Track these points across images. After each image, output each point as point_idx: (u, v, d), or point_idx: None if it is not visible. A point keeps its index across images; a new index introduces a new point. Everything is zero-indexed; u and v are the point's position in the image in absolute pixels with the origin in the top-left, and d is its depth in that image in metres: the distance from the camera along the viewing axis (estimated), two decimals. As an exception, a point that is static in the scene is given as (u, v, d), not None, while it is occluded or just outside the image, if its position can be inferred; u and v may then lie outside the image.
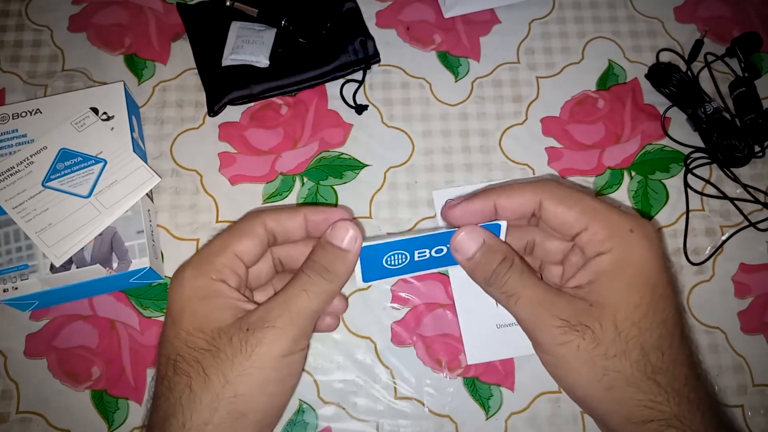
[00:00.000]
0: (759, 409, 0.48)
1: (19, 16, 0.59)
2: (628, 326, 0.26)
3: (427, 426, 0.47)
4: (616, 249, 0.27)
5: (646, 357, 0.26)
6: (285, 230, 0.32)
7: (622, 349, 0.26)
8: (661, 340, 0.26)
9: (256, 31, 0.56)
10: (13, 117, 0.50)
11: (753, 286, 0.52)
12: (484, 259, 0.29)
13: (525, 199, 0.29)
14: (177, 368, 0.28)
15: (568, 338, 0.27)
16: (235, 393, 0.27)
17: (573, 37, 0.60)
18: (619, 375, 0.26)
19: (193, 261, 0.31)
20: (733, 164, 0.54)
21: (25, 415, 0.47)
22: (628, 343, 0.26)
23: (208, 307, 0.29)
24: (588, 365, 0.26)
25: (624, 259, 0.27)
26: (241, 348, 0.27)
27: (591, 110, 0.57)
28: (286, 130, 0.55)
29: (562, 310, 0.27)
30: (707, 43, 0.58)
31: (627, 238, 0.27)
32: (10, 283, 0.46)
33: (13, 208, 0.47)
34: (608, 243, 0.27)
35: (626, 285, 0.27)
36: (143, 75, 0.57)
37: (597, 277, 0.27)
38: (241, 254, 0.30)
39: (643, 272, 0.27)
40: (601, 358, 0.26)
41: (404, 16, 0.60)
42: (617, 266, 0.27)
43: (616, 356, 0.26)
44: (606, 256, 0.27)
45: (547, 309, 0.27)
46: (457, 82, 0.58)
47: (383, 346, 0.49)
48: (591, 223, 0.28)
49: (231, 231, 0.31)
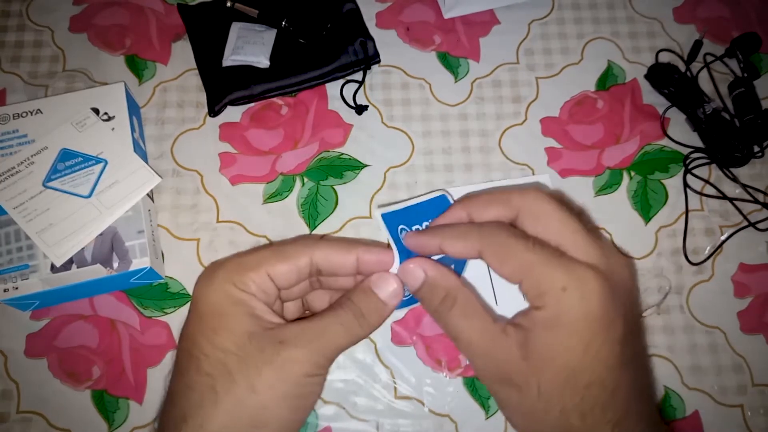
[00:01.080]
0: (759, 408, 0.48)
1: (20, 16, 0.59)
2: (551, 388, 0.27)
3: (426, 425, 0.47)
4: (547, 307, 0.27)
5: (566, 418, 0.26)
6: (332, 266, 0.31)
7: (543, 408, 0.27)
8: (583, 402, 0.26)
9: (257, 32, 0.56)
10: (14, 117, 0.50)
11: (752, 286, 0.52)
12: (427, 295, 0.30)
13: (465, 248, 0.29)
14: (200, 367, 0.28)
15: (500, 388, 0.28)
16: (260, 403, 0.27)
17: (572, 37, 0.60)
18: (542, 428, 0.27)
19: (227, 266, 0.30)
20: (732, 164, 0.54)
21: (25, 414, 0.47)
22: (548, 404, 0.27)
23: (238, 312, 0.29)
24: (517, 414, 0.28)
25: (555, 318, 0.27)
26: (272, 359, 0.27)
27: (590, 110, 0.57)
28: (286, 131, 0.55)
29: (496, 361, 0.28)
30: (706, 43, 0.58)
31: (558, 297, 0.26)
32: (11, 283, 0.46)
33: (14, 208, 0.47)
34: (539, 300, 0.27)
35: (555, 345, 0.27)
36: (144, 75, 0.57)
37: (532, 329, 0.27)
38: (274, 276, 0.30)
39: (574, 334, 0.26)
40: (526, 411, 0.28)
41: (404, 17, 0.60)
42: (548, 325, 0.27)
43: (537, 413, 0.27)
44: (539, 312, 0.27)
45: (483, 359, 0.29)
46: (456, 82, 0.58)
47: (383, 346, 0.49)
48: (524, 279, 0.28)
49: (273, 250, 0.31)
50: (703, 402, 0.48)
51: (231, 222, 0.53)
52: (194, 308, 0.30)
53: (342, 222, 0.53)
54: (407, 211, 0.32)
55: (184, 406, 0.27)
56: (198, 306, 0.30)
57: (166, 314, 0.50)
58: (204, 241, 0.52)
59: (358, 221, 0.53)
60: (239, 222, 0.53)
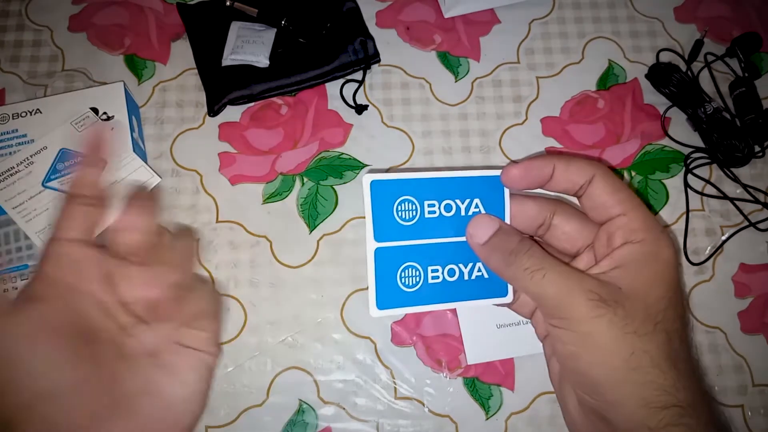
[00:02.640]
0: (759, 409, 0.48)
1: (19, 16, 0.59)
2: (656, 311, 0.27)
3: (427, 426, 0.47)
4: (647, 241, 0.28)
5: (671, 342, 0.27)
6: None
7: (651, 330, 0.26)
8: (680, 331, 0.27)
9: (256, 31, 0.56)
10: (13, 117, 0.50)
11: (753, 286, 0.52)
12: (501, 240, 0.29)
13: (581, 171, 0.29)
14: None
15: (600, 312, 0.26)
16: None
17: (573, 37, 0.60)
18: (645, 355, 0.26)
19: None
20: (733, 164, 0.54)
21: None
22: (656, 326, 0.27)
23: None
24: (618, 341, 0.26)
25: (654, 252, 0.28)
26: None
27: (591, 110, 0.57)
28: (286, 130, 0.55)
29: (593, 285, 0.27)
30: (707, 43, 0.58)
31: (659, 235, 0.28)
32: (11, 283, 0.46)
33: (13, 208, 0.47)
34: (641, 234, 0.28)
35: (654, 276, 0.28)
36: (143, 75, 0.57)
37: (624, 264, 0.28)
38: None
39: (668, 269, 0.28)
40: (631, 335, 0.26)
41: (404, 16, 0.60)
42: (647, 257, 0.28)
43: (645, 336, 0.26)
44: (637, 245, 0.28)
45: (578, 282, 0.27)
46: (457, 82, 0.58)
47: (383, 346, 0.49)
48: (630, 212, 0.29)
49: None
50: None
51: (230, 222, 0.53)
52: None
53: (342, 222, 0.53)
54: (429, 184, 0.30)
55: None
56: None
57: (166, 314, 0.50)
58: (203, 241, 0.52)
59: (359, 221, 0.53)
60: (239, 222, 0.52)
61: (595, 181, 0.29)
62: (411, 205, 0.30)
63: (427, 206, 0.30)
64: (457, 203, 0.30)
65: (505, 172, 0.30)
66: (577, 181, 0.30)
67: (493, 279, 0.31)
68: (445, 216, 0.30)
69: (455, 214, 0.30)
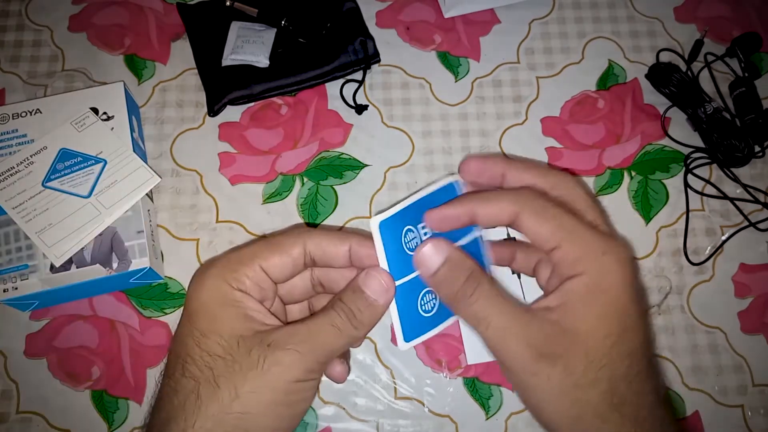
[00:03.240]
0: (759, 408, 0.48)
1: (19, 16, 0.59)
2: (599, 356, 0.26)
3: (427, 426, 0.47)
4: (587, 273, 0.26)
5: (614, 388, 0.26)
6: (325, 255, 0.30)
7: (592, 380, 0.26)
8: (628, 370, 0.26)
9: (256, 31, 0.56)
10: (13, 117, 0.50)
11: (753, 286, 0.52)
12: (447, 276, 0.28)
13: (501, 208, 0.28)
14: (186, 370, 0.27)
15: (540, 367, 0.26)
16: (243, 409, 0.26)
17: (573, 37, 0.60)
18: (587, 405, 0.26)
19: (218, 263, 0.30)
20: (733, 164, 0.54)
21: (25, 414, 0.47)
22: (598, 373, 0.26)
23: (227, 313, 0.28)
24: (558, 395, 0.26)
25: (596, 284, 0.26)
26: (258, 363, 0.26)
27: (591, 110, 0.57)
28: (286, 130, 0.55)
29: (534, 337, 0.26)
30: (707, 43, 0.58)
31: (600, 262, 0.26)
32: (10, 283, 0.46)
33: (13, 208, 0.47)
34: (580, 266, 0.26)
35: (597, 313, 0.26)
36: (143, 75, 0.57)
37: (568, 301, 0.27)
38: (268, 269, 0.29)
39: (614, 300, 0.26)
40: (571, 388, 0.26)
41: (404, 16, 0.60)
42: (589, 292, 0.26)
43: (585, 387, 0.26)
44: (577, 279, 0.26)
45: (518, 337, 0.26)
46: (457, 82, 0.58)
47: (383, 346, 0.49)
48: (563, 242, 0.27)
49: (266, 243, 0.30)
50: (703, 402, 0.48)
51: (230, 222, 0.53)
52: (185, 309, 0.29)
53: (342, 222, 0.53)
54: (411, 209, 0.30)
55: (168, 410, 0.27)
56: (189, 307, 0.29)
57: (166, 314, 0.50)
58: (203, 241, 0.52)
59: (358, 221, 0.53)
60: (239, 222, 0.52)
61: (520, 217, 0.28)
62: (412, 234, 0.30)
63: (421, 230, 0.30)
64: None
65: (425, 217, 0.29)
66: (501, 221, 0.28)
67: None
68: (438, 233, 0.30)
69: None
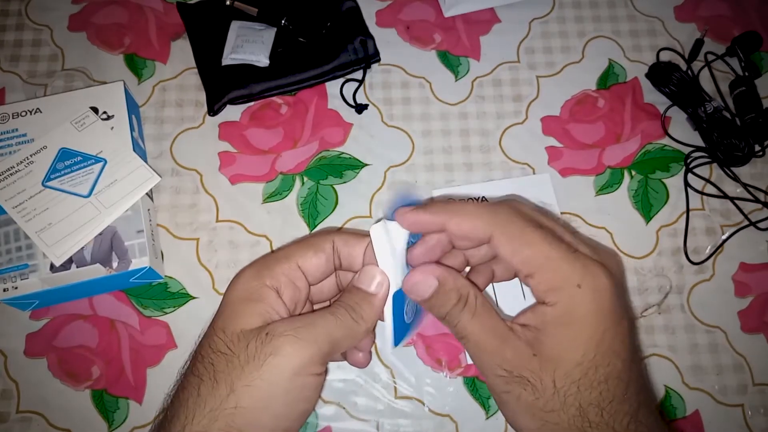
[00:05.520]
0: (759, 408, 0.48)
1: (19, 15, 0.59)
2: (568, 384, 0.26)
3: (427, 425, 0.47)
4: (560, 304, 0.26)
5: (584, 414, 0.26)
6: (350, 255, 0.31)
7: (560, 404, 0.26)
8: (600, 397, 0.26)
9: (256, 31, 0.56)
10: (13, 116, 0.50)
11: (753, 285, 0.52)
12: (439, 301, 0.29)
13: (475, 229, 0.28)
14: (194, 367, 0.28)
15: (510, 388, 0.27)
16: (236, 404, 0.26)
17: (573, 36, 0.60)
18: (556, 427, 0.26)
19: (256, 263, 0.30)
20: (733, 163, 0.54)
21: (25, 414, 0.47)
22: (566, 399, 0.26)
23: (244, 309, 0.28)
24: (527, 414, 0.27)
25: (568, 314, 0.26)
26: (255, 355, 0.26)
27: (591, 109, 0.57)
28: (286, 130, 0.55)
29: (506, 359, 0.27)
30: (707, 42, 0.58)
31: (572, 293, 0.26)
32: (10, 282, 0.46)
33: (13, 207, 0.47)
34: (552, 296, 0.26)
35: (569, 341, 0.26)
36: (143, 74, 0.57)
37: (542, 326, 0.27)
38: (304, 267, 0.30)
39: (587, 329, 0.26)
40: (539, 410, 0.26)
41: (404, 16, 0.60)
42: (560, 321, 0.26)
43: (553, 411, 0.26)
44: (550, 308, 0.26)
45: (492, 357, 0.27)
46: (457, 81, 0.58)
47: (383, 346, 0.49)
48: (537, 272, 0.27)
49: (299, 243, 0.31)
50: (703, 401, 0.48)
51: (230, 221, 0.53)
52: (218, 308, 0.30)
53: (342, 221, 0.53)
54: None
55: (175, 406, 0.27)
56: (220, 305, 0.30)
57: (166, 314, 0.50)
58: (203, 241, 0.52)
59: (358, 221, 0.53)
60: (239, 221, 0.52)
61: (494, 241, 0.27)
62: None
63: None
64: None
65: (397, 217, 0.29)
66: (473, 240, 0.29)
67: None
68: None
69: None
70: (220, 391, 0.26)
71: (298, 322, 0.28)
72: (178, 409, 0.27)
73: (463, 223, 0.28)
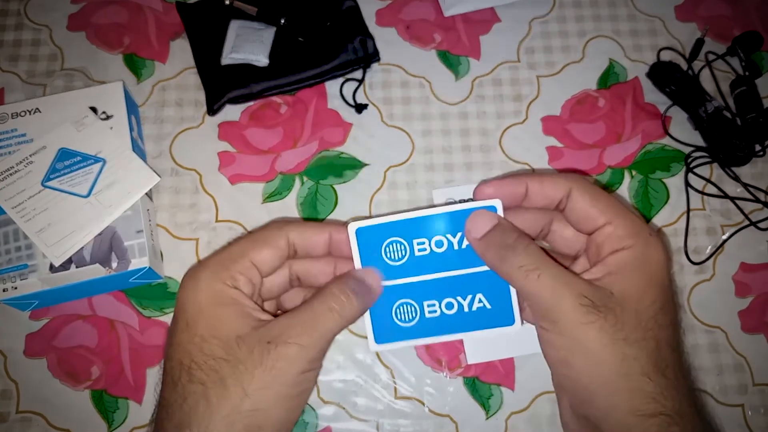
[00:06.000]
0: (759, 408, 0.48)
1: (18, 15, 0.59)
2: (646, 318, 0.27)
3: (427, 425, 0.47)
4: (636, 246, 0.28)
5: (660, 350, 0.26)
6: (307, 245, 0.31)
7: (641, 337, 0.26)
8: (671, 337, 0.27)
9: (256, 30, 0.56)
10: (12, 116, 0.50)
11: (753, 285, 0.51)
12: (499, 236, 0.29)
13: (556, 186, 0.29)
14: (192, 376, 0.27)
15: (591, 318, 0.26)
16: (253, 407, 0.27)
17: (573, 35, 0.59)
18: (636, 363, 0.26)
19: (210, 263, 0.30)
20: (733, 163, 0.54)
21: (25, 414, 0.47)
22: (646, 333, 0.26)
23: (226, 314, 0.28)
24: (608, 348, 0.26)
25: (644, 256, 0.28)
26: (262, 361, 0.27)
27: (591, 109, 0.57)
28: (285, 129, 0.55)
29: (586, 290, 0.27)
30: (708, 41, 0.58)
31: (648, 240, 0.28)
32: (10, 282, 0.46)
33: (13, 207, 0.47)
34: (629, 240, 0.28)
35: (644, 280, 0.27)
36: (142, 74, 0.57)
37: (616, 271, 0.28)
38: (258, 263, 0.30)
39: (659, 273, 0.28)
40: (621, 342, 0.26)
41: (404, 15, 0.60)
42: (637, 262, 0.28)
43: (634, 344, 0.26)
44: (627, 252, 0.28)
45: (571, 287, 0.27)
46: (457, 81, 0.57)
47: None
48: (615, 219, 0.28)
49: (252, 238, 0.31)
50: (703, 401, 0.48)
51: (230, 221, 0.52)
52: (181, 314, 0.29)
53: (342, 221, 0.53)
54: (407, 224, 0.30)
55: (180, 417, 0.27)
56: (186, 312, 0.29)
57: (165, 314, 0.50)
58: (203, 241, 0.52)
59: (358, 221, 0.53)
60: (238, 221, 0.52)
61: (573, 194, 0.29)
62: (399, 245, 0.31)
63: (417, 244, 0.31)
64: (448, 238, 0.31)
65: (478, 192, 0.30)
66: (554, 197, 0.30)
67: (497, 308, 0.31)
68: (436, 252, 0.31)
69: (448, 249, 0.31)
70: (231, 396, 0.27)
71: (298, 326, 0.28)
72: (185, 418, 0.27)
73: (545, 181, 0.30)
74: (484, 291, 0.31)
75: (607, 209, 0.29)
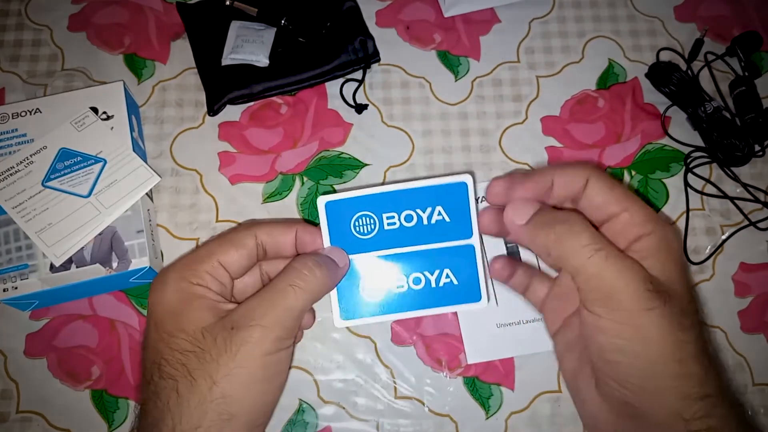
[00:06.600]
0: (759, 408, 0.48)
1: (19, 15, 0.59)
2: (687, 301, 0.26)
3: (427, 425, 0.47)
4: (656, 233, 0.27)
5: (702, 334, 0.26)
6: (276, 244, 0.32)
7: (690, 322, 0.26)
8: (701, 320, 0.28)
9: (256, 31, 0.56)
10: (12, 116, 0.50)
11: (753, 285, 0.52)
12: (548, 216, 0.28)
13: (576, 175, 0.29)
14: (162, 372, 0.28)
15: (655, 303, 0.25)
16: (222, 394, 0.27)
17: (573, 36, 0.60)
18: (689, 347, 0.26)
19: (176, 265, 0.30)
20: (733, 163, 0.54)
21: (25, 414, 0.47)
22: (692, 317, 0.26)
23: (192, 308, 0.29)
24: (668, 334, 0.25)
25: (666, 241, 0.27)
26: (226, 348, 0.27)
27: (591, 109, 0.57)
28: (285, 130, 0.55)
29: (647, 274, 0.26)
30: (707, 42, 0.58)
31: (665, 226, 0.28)
32: (10, 282, 0.46)
33: (13, 207, 0.47)
34: (649, 225, 0.27)
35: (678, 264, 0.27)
36: (143, 74, 0.57)
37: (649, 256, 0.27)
38: (226, 264, 0.30)
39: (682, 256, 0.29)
40: (677, 327, 0.25)
41: (404, 15, 0.60)
42: (663, 245, 0.27)
43: (688, 328, 0.26)
44: (650, 237, 0.27)
45: (635, 270, 0.26)
46: (457, 81, 0.58)
47: (383, 346, 0.49)
48: (632, 206, 0.28)
49: (220, 240, 0.31)
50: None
51: (230, 221, 0.53)
52: (151, 316, 0.30)
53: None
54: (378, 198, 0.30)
55: (155, 414, 0.27)
56: (154, 313, 0.29)
57: (166, 314, 0.50)
58: (203, 241, 0.52)
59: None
60: (238, 221, 0.52)
61: (590, 182, 0.29)
62: (369, 219, 0.31)
63: (386, 219, 0.31)
64: (418, 213, 0.31)
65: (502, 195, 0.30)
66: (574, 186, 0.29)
67: (464, 285, 0.31)
68: (406, 226, 0.31)
69: (417, 224, 0.31)
70: (200, 386, 0.27)
71: (259, 308, 0.28)
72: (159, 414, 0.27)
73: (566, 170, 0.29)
74: (451, 267, 0.31)
75: (622, 197, 0.28)
